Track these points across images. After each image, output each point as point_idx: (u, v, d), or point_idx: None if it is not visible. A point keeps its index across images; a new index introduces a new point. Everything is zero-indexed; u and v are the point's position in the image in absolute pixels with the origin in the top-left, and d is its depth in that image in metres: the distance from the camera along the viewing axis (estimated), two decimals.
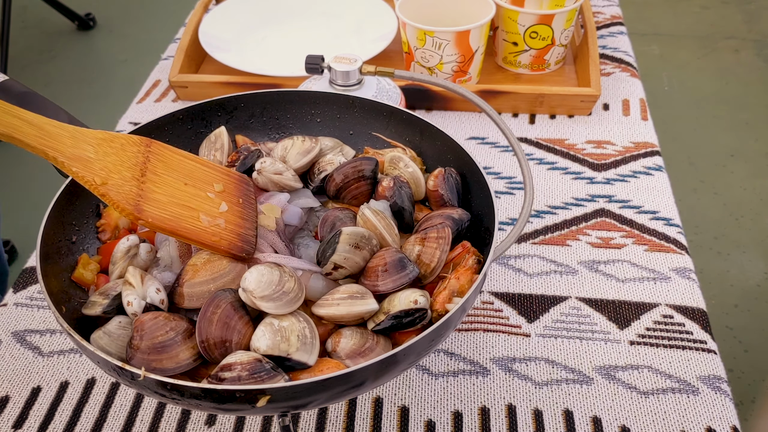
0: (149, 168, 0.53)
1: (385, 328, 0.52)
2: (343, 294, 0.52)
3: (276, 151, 0.64)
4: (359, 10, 1.11)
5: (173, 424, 0.62)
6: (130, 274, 0.51)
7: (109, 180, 0.49)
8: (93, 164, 0.49)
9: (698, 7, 2.91)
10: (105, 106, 2.38)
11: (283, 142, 0.65)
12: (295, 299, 0.51)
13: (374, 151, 0.69)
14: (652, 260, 0.76)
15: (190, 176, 0.55)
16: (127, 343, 0.49)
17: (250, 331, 0.50)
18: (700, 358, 0.66)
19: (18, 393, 0.64)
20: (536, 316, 0.70)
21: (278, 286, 0.50)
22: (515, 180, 0.86)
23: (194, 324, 0.50)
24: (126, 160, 0.51)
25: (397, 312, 0.51)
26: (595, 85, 0.93)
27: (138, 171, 0.52)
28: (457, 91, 0.68)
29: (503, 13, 0.96)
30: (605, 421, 0.61)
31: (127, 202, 0.49)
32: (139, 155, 0.53)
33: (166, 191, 0.52)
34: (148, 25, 2.85)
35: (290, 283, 0.51)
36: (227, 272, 0.53)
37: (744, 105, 2.36)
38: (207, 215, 0.53)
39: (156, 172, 0.53)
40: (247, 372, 0.46)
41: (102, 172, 0.49)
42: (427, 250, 0.56)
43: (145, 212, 0.50)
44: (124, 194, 0.49)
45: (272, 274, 0.50)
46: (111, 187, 0.49)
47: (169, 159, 0.55)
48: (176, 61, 0.99)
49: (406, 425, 0.62)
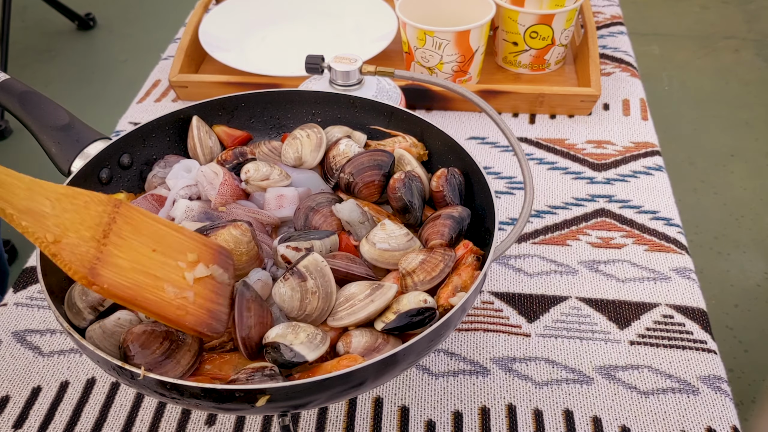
0: (114, 230, 0.48)
1: (397, 326, 0.51)
2: (363, 296, 0.52)
3: (288, 156, 0.64)
4: (359, 10, 1.11)
5: (173, 424, 0.62)
6: None
7: (63, 238, 0.44)
8: (46, 219, 0.44)
9: (698, 7, 2.91)
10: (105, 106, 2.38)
11: (289, 143, 0.65)
12: (319, 318, 0.52)
13: (377, 142, 0.69)
14: (652, 260, 0.76)
15: (160, 242, 0.50)
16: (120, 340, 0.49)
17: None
18: (700, 358, 0.66)
19: (18, 393, 0.64)
20: (536, 316, 0.70)
21: (300, 310, 0.51)
22: (515, 180, 0.86)
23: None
24: (87, 219, 0.47)
25: (408, 310, 0.51)
26: (595, 85, 0.93)
27: (100, 232, 0.47)
28: (457, 91, 0.68)
29: (503, 13, 0.96)
30: (605, 421, 0.61)
31: (81, 264, 0.44)
32: (103, 215, 0.48)
33: (129, 256, 0.47)
34: (148, 25, 2.85)
35: (313, 302, 0.51)
36: (239, 268, 0.54)
37: (744, 105, 2.36)
38: (174, 286, 0.48)
39: (121, 235, 0.48)
40: (245, 375, 0.47)
41: (56, 229, 0.44)
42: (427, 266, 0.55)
43: (101, 277, 0.44)
44: (78, 255, 0.44)
45: (293, 296, 0.51)
46: (64, 246, 0.44)
47: (139, 222, 0.49)
48: (176, 61, 0.99)
49: (406, 425, 0.62)
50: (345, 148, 0.64)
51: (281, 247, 0.55)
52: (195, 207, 0.59)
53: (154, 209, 0.61)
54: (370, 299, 0.51)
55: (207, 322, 0.49)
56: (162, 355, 0.48)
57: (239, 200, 0.62)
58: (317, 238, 0.56)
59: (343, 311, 0.52)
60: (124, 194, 0.63)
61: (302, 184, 0.64)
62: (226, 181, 0.61)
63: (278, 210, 0.61)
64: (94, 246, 0.45)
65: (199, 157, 0.67)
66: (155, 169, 0.65)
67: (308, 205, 0.60)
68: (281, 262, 0.56)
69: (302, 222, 0.59)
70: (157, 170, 0.65)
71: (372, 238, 0.56)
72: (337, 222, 0.60)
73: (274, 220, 0.60)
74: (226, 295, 0.51)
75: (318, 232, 0.57)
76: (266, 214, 0.60)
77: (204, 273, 0.50)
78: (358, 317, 0.51)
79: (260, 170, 0.61)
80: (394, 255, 0.56)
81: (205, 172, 0.61)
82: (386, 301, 0.51)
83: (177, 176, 0.63)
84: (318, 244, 0.56)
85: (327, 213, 0.59)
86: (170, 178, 0.63)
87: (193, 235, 0.52)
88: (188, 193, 0.61)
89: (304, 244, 0.55)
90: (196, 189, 0.62)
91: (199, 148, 0.66)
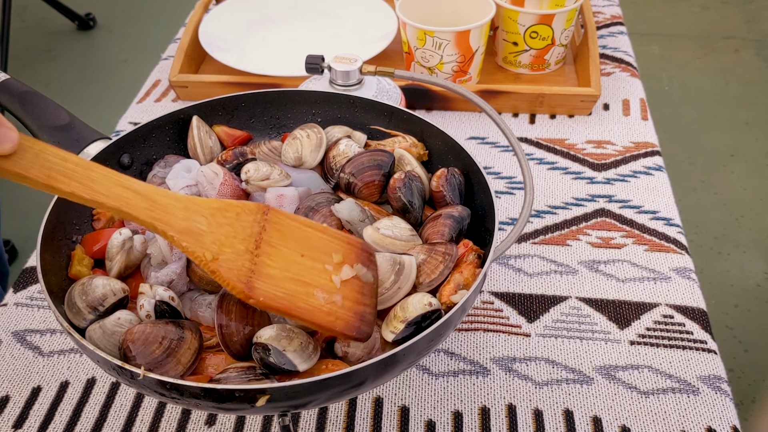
0: (264, 239, 0.48)
1: (405, 336, 0.50)
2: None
3: (288, 156, 0.64)
4: (359, 10, 1.11)
5: (173, 424, 0.62)
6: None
7: (220, 255, 0.46)
8: (204, 238, 0.46)
9: (698, 7, 2.91)
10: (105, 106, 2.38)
11: (289, 143, 0.65)
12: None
13: (377, 142, 0.69)
14: (652, 260, 0.76)
15: (307, 246, 0.50)
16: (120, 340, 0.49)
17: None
18: (700, 358, 0.66)
19: (18, 393, 0.64)
20: (536, 316, 0.70)
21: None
22: (515, 180, 0.86)
23: (180, 319, 0.51)
24: (240, 231, 0.48)
25: (415, 318, 0.50)
26: (595, 85, 0.93)
27: (252, 243, 0.48)
28: (457, 91, 0.68)
29: (503, 13, 0.96)
30: (605, 421, 0.61)
31: (238, 279, 0.45)
32: (254, 225, 0.49)
33: (280, 264, 0.48)
34: (148, 25, 2.85)
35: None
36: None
37: (744, 105, 2.36)
38: (323, 291, 0.48)
39: (271, 243, 0.49)
40: (236, 373, 0.47)
41: (213, 246, 0.46)
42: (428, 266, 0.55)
43: (257, 290, 0.46)
44: (235, 270, 0.46)
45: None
46: (222, 263, 0.45)
47: (286, 227, 0.50)
48: (176, 61, 0.99)
49: (406, 425, 0.62)
50: (345, 148, 0.64)
51: None
52: None
53: None
54: (398, 286, 0.52)
55: (356, 325, 0.49)
56: (162, 355, 0.48)
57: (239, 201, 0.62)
58: None
59: None
60: None
61: (302, 184, 0.64)
62: (226, 181, 0.61)
63: None
64: (248, 259, 0.47)
65: (199, 157, 0.67)
66: (155, 169, 0.65)
67: (308, 205, 0.60)
68: None
69: None
70: (157, 170, 0.65)
71: (377, 225, 0.57)
72: (337, 222, 0.60)
73: None
74: (371, 294, 0.51)
75: None
76: None
77: (350, 274, 0.50)
78: (388, 305, 0.52)
79: (260, 170, 0.61)
80: (395, 243, 0.56)
81: (205, 172, 0.61)
82: (412, 284, 0.53)
83: (177, 176, 0.63)
84: None
85: (327, 213, 0.59)
86: (170, 178, 0.63)
87: (336, 234, 0.52)
88: (188, 193, 0.61)
89: None
90: (196, 189, 0.62)
91: (199, 148, 0.66)
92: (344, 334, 0.48)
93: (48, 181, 0.42)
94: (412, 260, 0.53)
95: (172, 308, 0.51)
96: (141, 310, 0.51)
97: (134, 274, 0.57)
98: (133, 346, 0.47)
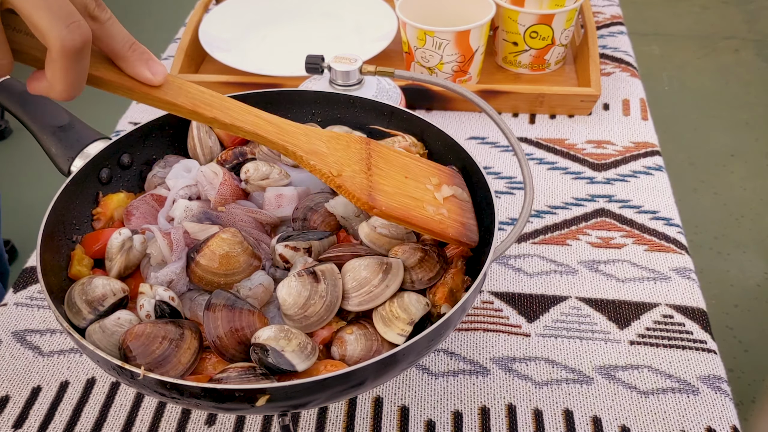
0: (372, 163, 0.55)
1: (412, 336, 0.50)
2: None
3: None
4: (359, 10, 1.11)
5: (173, 424, 0.62)
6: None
7: (343, 172, 0.52)
8: (327, 158, 0.52)
9: (698, 7, 2.91)
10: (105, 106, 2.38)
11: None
12: (314, 324, 0.52)
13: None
14: (652, 260, 0.76)
15: (408, 170, 0.57)
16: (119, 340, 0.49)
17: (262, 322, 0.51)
18: (700, 358, 0.66)
19: (18, 393, 0.64)
20: (536, 316, 0.70)
21: (302, 309, 0.51)
22: (515, 180, 0.86)
23: (179, 319, 0.51)
24: (353, 155, 0.54)
25: (419, 320, 0.52)
26: (595, 85, 0.93)
27: (364, 165, 0.54)
28: (457, 91, 0.68)
29: (503, 12, 0.96)
30: (605, 421, 0.61)
31: (361, 192, 0.52)
32: (362, 152, 0.55)
33: (390, 183, 0.54)
34: (148, 25, 2.85)
35: (317, 306, 0.51)
36: (240, 271, 0.53)
37: (744, 105, 2.36)
38: (431, 205, 0.55)
39: (379, 166, 0.55)
40: (236, 373, 0.47)
41: (336, 165, 0.52)
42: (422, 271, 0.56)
43: (378, 201, 0.52)
44: (358, 184, 0.52)
45: (301, 293, 0.51)
46: (345, 179, 0.52)
47: (387, 155, 0.57)
48: (176, 61, 0.99)
49: (406, 425, 0.62)
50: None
51: (279, 246, 0.55)
52: (194, 207, 0.59)
53: (153, 209, 0.61)
54: (385, 284, 0.53)
55: (464, 232, 0.56)
56: (162, 355, 0.48)
57: (238, 200, 0.62)
58: (316, 239, 0.56)
59: (359, 296, 0.52)
60: (124, 194, 0.63)
61: (301, 183, 0.64)
62: (225, 181, 0.61)
63: (277, 209, 0.61)
64: (365, 177, 0.53)
65: (199, 157, 0.67)
66: (155, 169, 0.65)
67: (307, 205, 0.60)
68: (279, 261, 0.56)
69: (301, 221, 0.60)
70: (157, 170, 0.65)
71: (373, 222, 0.57)
72: (336, 221, 0.60)
73: (273, 219, 0.60)
74: (469, 209, 0.58)
75: (316, 233, 0.57)
76: (265, 214, 0.60)
77: (449, 192, 0.57)
78: (377, 303, 0.53)
79: (260, 170, 0.61)
80: (392, 242, 0.57)
81: (205, 172, 0.61)
82: (399, 283, 0.54)
83: (177, 176, 0.63)
84: (317, 245, 0.56)
85: (326, 213, 0.60)
86: (170, 178, 0.63)
87: (429, 163, 0.60)
88: (188, 193, 0.61)
89: (303, 244, 0.55)
90: (196, 189, 0.62)
91: (199, 148, 0.66)
92: (457, 239, 0.55)
93: (194, 107, 0.47)
94: (399, 262, 0.54)
95: (172, 308, 0.51)
96: (141, 310, 0.51)
97: (134, 274, 0.57)
98: (133, 346, 0.47)
